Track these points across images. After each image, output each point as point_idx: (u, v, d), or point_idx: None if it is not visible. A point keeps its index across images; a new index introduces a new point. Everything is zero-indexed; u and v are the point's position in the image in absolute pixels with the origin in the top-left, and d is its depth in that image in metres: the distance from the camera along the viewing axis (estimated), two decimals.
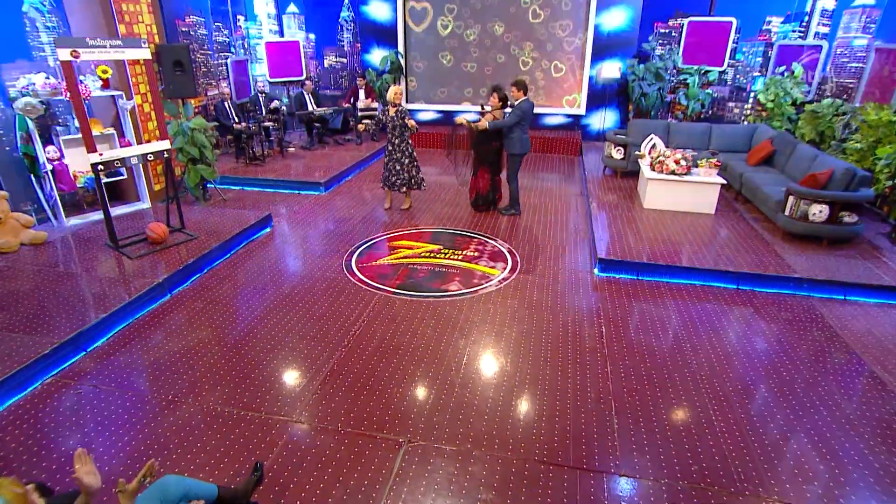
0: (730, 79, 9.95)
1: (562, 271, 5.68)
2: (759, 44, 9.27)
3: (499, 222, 7.03)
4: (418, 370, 3.98)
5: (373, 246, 6.25)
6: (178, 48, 7.39)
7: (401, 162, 7.06)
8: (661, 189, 6.98)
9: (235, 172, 8.56)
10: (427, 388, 3.77)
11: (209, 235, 5.97)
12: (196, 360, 4.05)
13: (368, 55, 11.46)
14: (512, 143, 6.70)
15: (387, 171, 7.13)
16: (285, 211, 7.39)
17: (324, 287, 5.22)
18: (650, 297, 5.14)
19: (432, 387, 3.79)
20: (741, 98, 9.83)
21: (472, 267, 5.75)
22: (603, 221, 6.64)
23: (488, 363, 4.09)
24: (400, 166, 7.07)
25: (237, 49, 10.93)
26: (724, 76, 9.94)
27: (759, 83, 9.23)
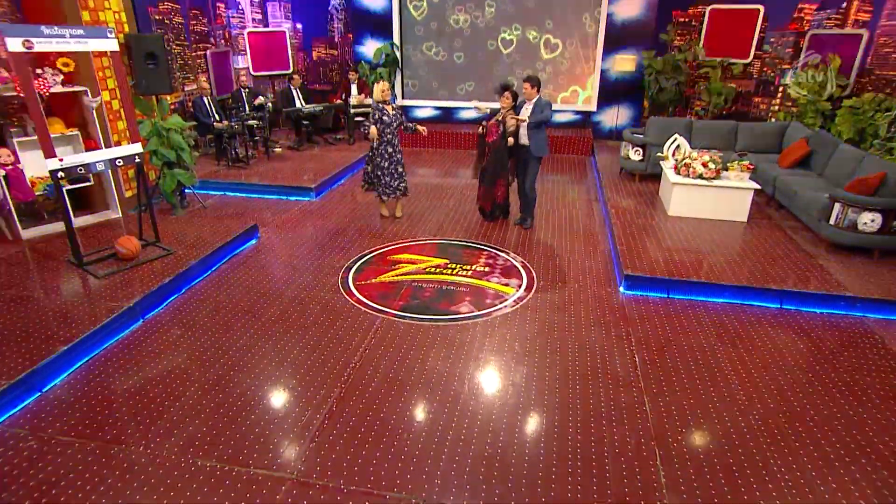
0: (756, 72, 9.69)
1: (583, 289, 5.37)
2: (789, 33, 9.03)
3: (509, 233, 6.72)
4: (430, 411, 3.64)
5: (372, 260, 5.91)
6: (150, 39, 7.03)
7: (402, 164, 6.74)
8: (687, 195, 6.70)
9: (216, 176, 8.20)
10: (442, 434, 3.44)
11: (187, 249, 5.61)
12: (171, 400, 3.69)
13: (361, 47, 11.14)
14: (539, 146, 6.38)
15: (387, 177, 6.77)
16: (273, 220, 7.04)
17: (318, 309, 4.88)
18: (685, 320, 4.84)
19: (447, 432, 3.46)
20: (768, 93, 9.58)
21: (484, 284, 5.43)
22: (624, 231, 6.34)
23: (510, 403, 3.76)
24: (402, 168, 6.75)
25: (217, 40, 10.58)
26: (750, 69, 9.69)
27: (788, 76, 9.00)
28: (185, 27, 9.52)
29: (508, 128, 6.35)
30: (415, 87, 11.29)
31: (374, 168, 6.73)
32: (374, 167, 6.71)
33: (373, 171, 6.76)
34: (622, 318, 4.85)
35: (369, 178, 6.84)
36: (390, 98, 6.59)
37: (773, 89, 9.45)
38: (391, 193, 6.83)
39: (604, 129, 11.02)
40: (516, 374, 4.05)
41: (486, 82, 10.84)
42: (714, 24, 9.51)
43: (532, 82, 6.23)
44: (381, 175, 6.70)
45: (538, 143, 6.38)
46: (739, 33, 9.38)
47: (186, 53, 9.62)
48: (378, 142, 6.58)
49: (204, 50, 10.16)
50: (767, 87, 9.55)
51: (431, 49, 10.97)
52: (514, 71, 10.82)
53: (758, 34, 9.29)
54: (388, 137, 6.57)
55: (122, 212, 6.62)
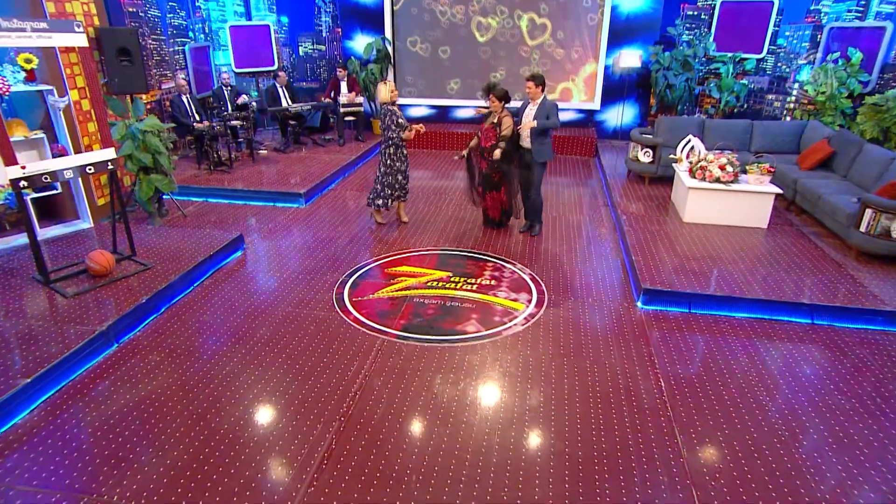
0: (769, 68, 9.56)
1: (598, 304, 5.16)
2: (805, 26, 8.90)
3: (514, 242, 6.50)
4: (440, 448, 3.40)
5: (368, 273, 5.66)
6: (123, 33, 6.75)
7: (403, 172, 6.52)
8: (703, 200, 6.52)
9: (197, 181, 7.91)
10: (454, 477, 3.20)
11: (167, 263, 5.33)
12: (150, 438, 3.42)
13: (350, 42, 10.89)
14: (544, 150, 6.17)
15: (389, 188, 6.54)
16: (259, 229, 6.77)
17: (313, 330, 4.63)
18: (710, 337, 4.64)
19: (461, 472, 3.22)
20: (783, 90, 9.44)
21: (491, 300, 5.20)
22: (637, 239, 6.14)
23: (529, 437, 3.53)
24: (402, 177, 6.53)
25: (196, 34, 10.29)
26: (763, 65, 9.56)
27: (804, 72, 8.86)
28: (161, 20, 9.21)
29: (503, 131, 6.12)
30: (411, 83, 11.05)
31: (393, 178, 6.51)
32: (396, 173, 6.49)
33: (392, 182, 6.54)
34: (642, 337, 4.65)
35: (383, 192, 6.62)
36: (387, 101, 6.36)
37: (788, 86, 9.30)
38: (395, 198, 6.65)
39: (608, 128, 10.86)
40: (532, 402, 3.82)
41: (476, 78, 10.64)
42: (725, 18, 9.37)
43: (536, 81, 6.01)
44: (384, 183, 6.53)
45: (541, 147, 6.17)
46: (752, 27, 9.24)
47: (163, 48, 9.31)
48: (394, 147, 6.38)
49: (182, 45, 9.86)
50: (782, 84, 9.40)
51: (416, 44, 10.74)
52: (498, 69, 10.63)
53: (772, 28, 9.15)
54: (394, 142, 6.37)
55: (94, 222, 6.32)
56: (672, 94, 9.58)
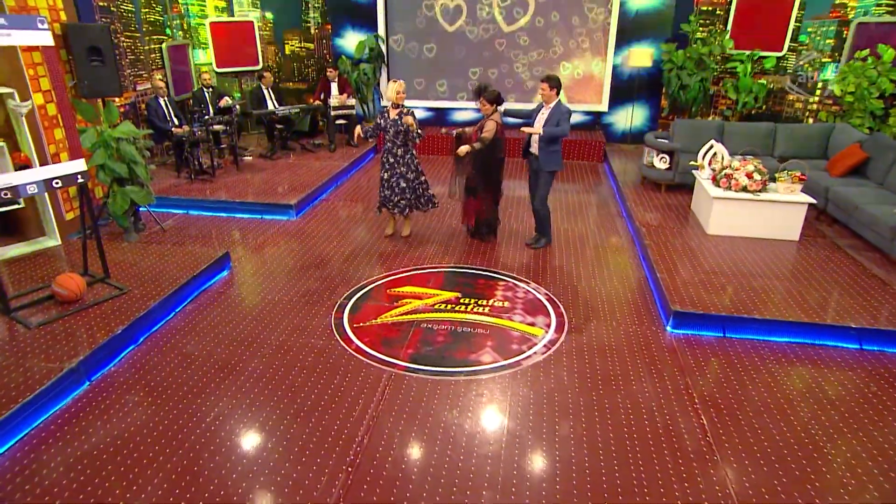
0: (791, 66, 9.41)
1: (623, 328, 4.91)
2: (830, 22, 8.75)
3: (524, 256, 6.25)
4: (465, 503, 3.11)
5: (369, 295, 5.37)
6: (94, 30, 6.42)
7: (405, 178, 6.24)
8: (729, 210, 6.32)
9: (177, 192, 7.58)
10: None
11: (145, 287, 5.01)
12: (126, 497, 3.10)
13: (341, 39, 10.64)
14: (552, 159, 5.97)
15: (387, 191, 6.35)
16: (247, 245, 6.45)
17: (311, 362, 4.33)
18: (750, 366, 4.40)
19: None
20: (806, 90, 9.28)
21: (506, 324, 4.93)
22: (660, 254, 5.91)
23: (559, 487, 3.25)
24: (405, 183, 6.26)
25: (174, 31, 9.97)
26: (784, 63, 9.40)
27: (829, 71, 8.72)
28: (135, 16, 8.90)
29: (484, 134, 5.94)
30: (419, 85, 10.79)
31: (380, 180, 6.43)
32: (380, 179, 6.42)
33: (379, 184, 6.46)
34: (676, 366, 4.40)
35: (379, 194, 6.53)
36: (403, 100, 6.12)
37: (812, 86, 9.16)
38: (389, 209, 6.45)
39: (616, 131, 10.67)
40: (564, 452, 3.54)
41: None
42: (742, 13, 9.22)
43: (551, 83, 5.80)
44: (381, 188, 6.38)
45: (550, 155, 5.96)
46: (771, 22, 9.10)
47: (138, 47, 8.99)
48: (383, 149, 6.34)
49: (159, 43, 9.54)
50: (804, 84, 9.26)
51: (400, 44, 10.52)
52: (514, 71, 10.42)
53: (793, 23, 9.01)
54: (388, 146, 6.17)
55: (62, 238, 5.97)
56: (686, 95, 9.40)
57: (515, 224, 7.18)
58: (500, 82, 10.42)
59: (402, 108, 6.08)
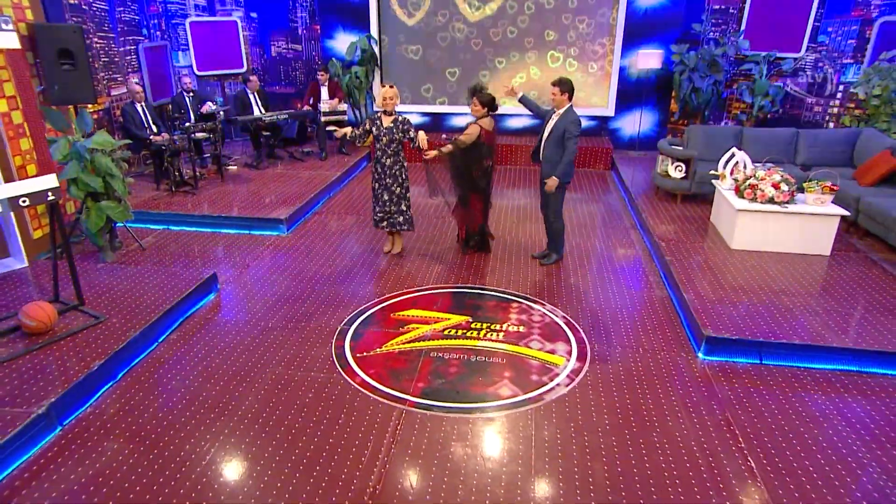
0: (810, 69, 9.32)
1: (650, 355, 4.70)
2: (851, 21, 8.67)
3: (535, 275, 6.05)
4: None
5: (371, 320, 5.12)
6: (65, 31, 6.15)
7: (390, 190, 6.02)
8: (756, 223, 6.15)
9: (156, 206, 7.28)
10: None
11: (123, 314, 4.72)
12: None
13: (331, 41, 10.44)
14: (566, 169, 5.75)
15: (377, 204, 6.18)
16: (234, 264, 6.17)
17: (312, 399, 4.06)
18: (794, 397, 4.20)
19: None
20: (825, 93, 9.19)
21: (524, 352, 4.70)
22: (683, 271, 5.72)
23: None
24: (388, 196, 6.04)
25: (151, 31, 9.70)
26: (802, 65, 9.31)
27: (851, 73, 8.63)
28: (109, 15, 8.62)
29: (461, 137, 5.82)
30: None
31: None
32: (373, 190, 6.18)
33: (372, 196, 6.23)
34: (713, 398, 4.18)
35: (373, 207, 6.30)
36: (394, 107, 5.90)
37: (832, 89, 9.07)
38: (378, 223, 6.21)
39: (623, 137, 10.54)
40: (598, 492, 3.30)
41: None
42: (757, 12, 9.12)
43: (562, 87, 5.62)
44: (373, 201, 6.15)
45: (554, 165, 5.77)
46: (789, 22, 9.02)
47: (112, 48, 8.71)
48: (373, 159, 6.07)
49: (135, 44, 9.26)
50: (824, 86, 9.17)
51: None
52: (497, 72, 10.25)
53: (812, 23, 8.94)
54: (378, 154, 5.95)
55: (30, 260, 5.67)
56: (698, 99, 9.27)
57: (523, 237, 6.98)
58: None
59: (397, 116, 5.89)
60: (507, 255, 6.49)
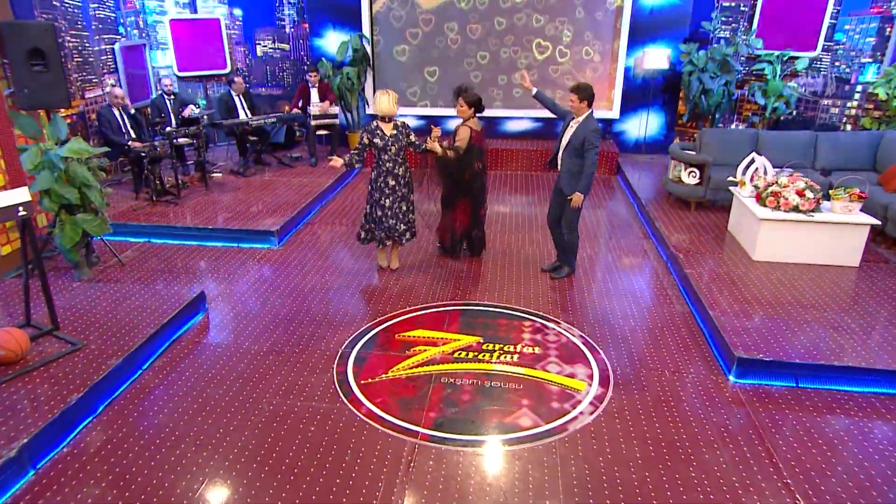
0: (826, 68, 9.26)
1: (678, 378, 4.52)
2: (870, 18, 8.60)
3: (546, 290, 5.87)
4: None
5: (374, 341, 4.89)
6: (35, 29, 5.86)
7: (407, 200, 5.84)
8: (779, 233, 6.02)
9: (135, 216, 7.02)
10: None
11: (103, 339, 4.47)
12: None
13: (320, 40, 10.24)
14: (575, 181, 5.59)
15: (391, 220, 5.80)
16: (223, 280, 5.92)
17: (314, 433, 3.83)
18: (836, 425, 4.02)
19: None
20: (843, 93, 9.16)
21: (542, 376, 4.50)
22: (707, 286, 5.55)
23: None
24: (407, 206, 5.88)
25: (128, 29, 9.43)
26: (817, 64, 9.24)
27: (870, 72, 8.55)
28: (83, 11, 8.35)
29: (457, 143, 5.77)
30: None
31: (372, 208, 5.83)
32: (373, 206, 5.82)
33: (371, 212, 5.86)
34: (749, 426, 4.00)
35: (367, 223, 5.96)
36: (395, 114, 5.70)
37: (849, 89, 8.99)
38: (396, 239, 5.94)
39: (628, 140, 10.42)
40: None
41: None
42: (770, 9, 9.04)
43: (581, 94, 5.46)
44: (383, 216, 5.79)
45: (573, 177, 5.59)
46: (803, 19, 8.94)
47: (86, 48, 8.43)
48: (375, 172, 5.74)
49: (111, 43, 8.99)
50: (841, 87, 9.11)
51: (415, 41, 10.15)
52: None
53: (828, 20, 8.86)
54: (388, 166, 5.66)
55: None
56: (708, 101, 9.15)
57: (530, 248, 6.81)
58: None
59: (395, 122, 5.72)
60: (514, 267, 6.30)
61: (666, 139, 10.21)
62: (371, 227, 5.92)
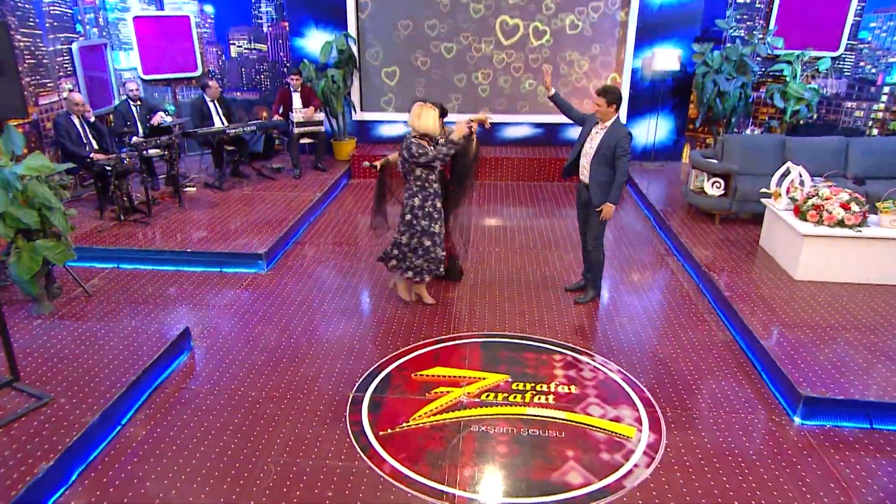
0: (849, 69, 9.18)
1: (736, 419, 4.24)
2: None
3: (571, 316, 5.62)
4: None
5: (388, 383, 4.52)
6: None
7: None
8: (824, 250, 5.82)
9: (100, 239, 6.56)
10: None
11: (73, 392, 4.01)
12: None
13: (301, 39, 9.86)
14: (604, 192, 5.33)
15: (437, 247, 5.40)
16: (207, 312, 5.47)
17: (331, 499, 3.42)
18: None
19: None
20: (868, 95, 9.06)
21: (583, 421, 4.17)
22: (745, 310, 5.30)
23: None
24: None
25: (87, 27, 8.95)
26: (840, 65, 9.12)
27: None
28: (36, 7, 7.88)
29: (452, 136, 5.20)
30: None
31: (414, 236, 5.37)
32: (420, 234, 5.34)
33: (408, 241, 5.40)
34: (827, 476, 3.71)
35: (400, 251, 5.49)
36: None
37: (875, 91, 8.91)
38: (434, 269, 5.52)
39: (635, 147, 10.15)
40: None
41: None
42: (788, 6, 8.93)
43: (609, 97, 5.22)
44: (432, 246, 5.36)
45: (602, 188, 5.31)
46: (824, 17, 8.85)
47: (39, 48, 7.95)
48: (420, 197, 5.27)
49: (68, 42, 8.50)
50: (866, 89, 9.02)
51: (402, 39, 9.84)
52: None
53: (852, 18, 8.77)
54: (434, 187, 5.35)
55: None
56: (724, 104, 8.97)
57: (547, 268, 6.52)
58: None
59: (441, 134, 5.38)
60: (531, 290, 6.00)
61: (676, 145, 10.03)
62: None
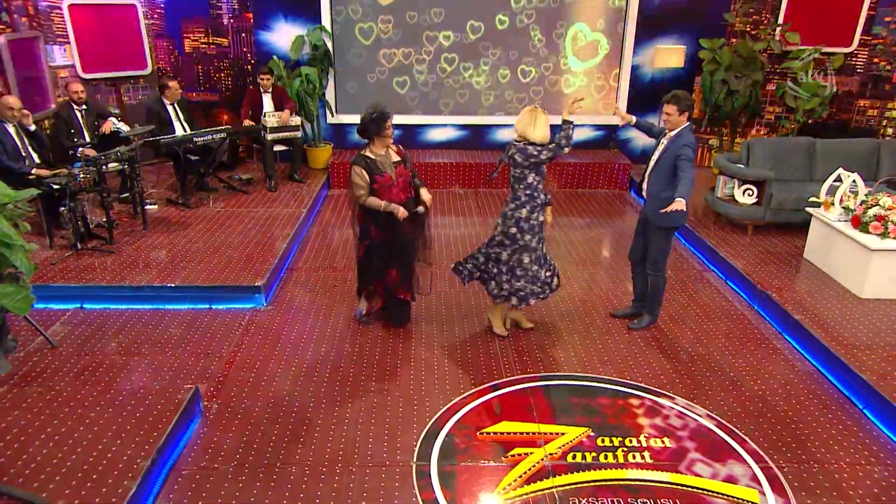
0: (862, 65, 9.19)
1: (860, 472, 3.89)
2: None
3: (629, 348, 5.20)
4: None
5: (453, 447, 3.96)
6: None
7: None
8: (893, 265, 5.57)
9: (53, 274, 5.67)
10: None
11: (68, 496, 3.24)
12: None
13: (268, 33, 9.11)
14: (686, 189, 4.80)
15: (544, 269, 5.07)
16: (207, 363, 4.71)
17: None
18: None
19: None
20: (883, 93, 9.07)
21: (695, 484, 3.74)
22: (825, 337, 5.00)
23: None
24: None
25: (15, 17, 7.97)
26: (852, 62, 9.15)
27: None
28: None
29: None
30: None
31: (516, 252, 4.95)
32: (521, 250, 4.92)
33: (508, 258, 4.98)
34: None
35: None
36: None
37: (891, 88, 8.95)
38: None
39: (635, 149, 10.00)
40: None
41: None
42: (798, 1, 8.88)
43: (680, 104, 4.86)
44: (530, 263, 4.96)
45: (663, 203, 4.80)
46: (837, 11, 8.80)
47: None
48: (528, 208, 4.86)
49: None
50: (881, 86, 9.02)
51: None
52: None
53: (865, 11, 8.73)
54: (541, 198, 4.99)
55: None
56: (734, 103, 8.79)
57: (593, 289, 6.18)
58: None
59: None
60: (575, 317, 5.56)
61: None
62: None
